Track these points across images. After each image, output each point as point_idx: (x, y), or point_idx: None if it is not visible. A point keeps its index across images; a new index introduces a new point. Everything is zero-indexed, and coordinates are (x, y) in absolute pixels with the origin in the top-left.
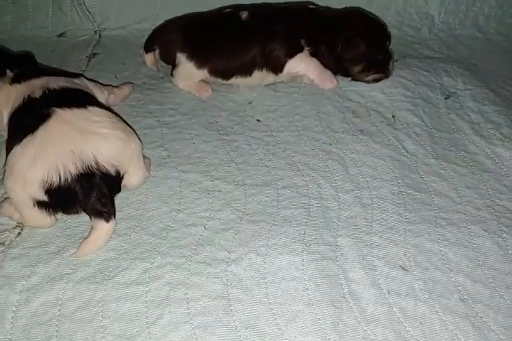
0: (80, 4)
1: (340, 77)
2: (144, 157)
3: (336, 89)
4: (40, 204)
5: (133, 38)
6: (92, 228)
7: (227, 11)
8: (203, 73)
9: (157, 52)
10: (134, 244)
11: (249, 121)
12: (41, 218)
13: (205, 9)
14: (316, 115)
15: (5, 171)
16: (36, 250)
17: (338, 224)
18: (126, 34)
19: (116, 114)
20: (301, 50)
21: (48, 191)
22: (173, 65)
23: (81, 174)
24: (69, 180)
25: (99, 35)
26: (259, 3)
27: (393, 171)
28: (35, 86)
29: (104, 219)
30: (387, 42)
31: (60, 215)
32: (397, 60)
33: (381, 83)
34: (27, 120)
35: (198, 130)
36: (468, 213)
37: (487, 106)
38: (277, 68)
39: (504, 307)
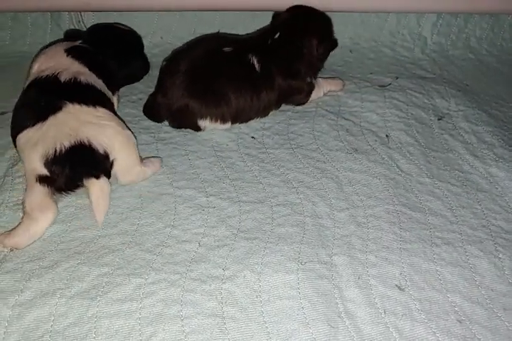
0: (79, 21)
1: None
2: (153, 157)
3: (330, 108)
4: (41, 179)
5: None
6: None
7: (228, 50)
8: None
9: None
10: (129, 259)
11: (244, 138)
12: (44, 198)
13: (202, 27)
14: (311, 133)
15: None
16: (30, 264)
17: (333, 243)
18: None
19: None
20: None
21: (46, 163)
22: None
23: (73, 146)
24: (63, 151)
25: None
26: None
27: (388, 190)
28: (71, 68)
29: (94, 177)
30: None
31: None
32: (390, 84)
33: (374, 104)
34: (42, 104)
35: (193, 146)
36: (464, 233)
37: (480, 127)
38: (300, 104)
39: (502, 329)
